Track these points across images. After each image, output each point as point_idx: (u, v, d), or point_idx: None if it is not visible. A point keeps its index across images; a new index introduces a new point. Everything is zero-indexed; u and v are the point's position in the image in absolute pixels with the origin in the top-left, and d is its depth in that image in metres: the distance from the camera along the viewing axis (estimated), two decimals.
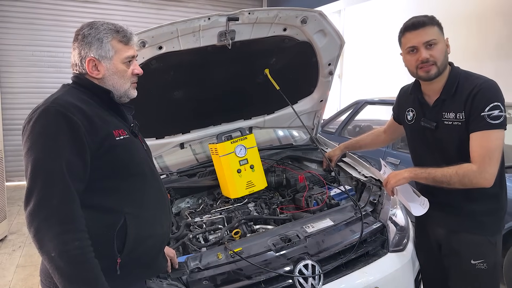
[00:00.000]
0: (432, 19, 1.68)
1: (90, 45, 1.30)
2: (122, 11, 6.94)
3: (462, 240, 1.77)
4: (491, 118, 1.55)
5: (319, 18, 2.25)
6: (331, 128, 5.20)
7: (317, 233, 1.85)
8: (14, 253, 3.88)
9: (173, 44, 1.98)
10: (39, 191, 1.12)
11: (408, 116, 1.91)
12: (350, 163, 2.66)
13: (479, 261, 1.72)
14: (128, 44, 1.36)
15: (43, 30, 6.43)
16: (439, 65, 1.67)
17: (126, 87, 1.38)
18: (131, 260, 1.29)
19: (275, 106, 2.80)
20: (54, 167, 1.14)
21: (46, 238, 1.10)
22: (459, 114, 1.65)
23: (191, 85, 2.32)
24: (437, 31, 1.67)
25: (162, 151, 2.61)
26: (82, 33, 1.31)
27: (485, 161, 1.55)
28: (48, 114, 1.18)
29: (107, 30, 1.32)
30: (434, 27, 1.66)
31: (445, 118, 1.70)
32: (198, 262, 1.63)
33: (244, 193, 2.34)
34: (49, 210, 1.11)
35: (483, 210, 1.71)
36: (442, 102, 1.72)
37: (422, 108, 1.81)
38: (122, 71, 1.35)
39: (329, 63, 2.55)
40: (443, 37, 1.69)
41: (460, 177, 1.57)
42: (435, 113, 1.74)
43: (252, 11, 2.02)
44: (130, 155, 1.33)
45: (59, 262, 1.10)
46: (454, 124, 1.67)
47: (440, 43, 1.66)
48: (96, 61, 1.31)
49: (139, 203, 1.33)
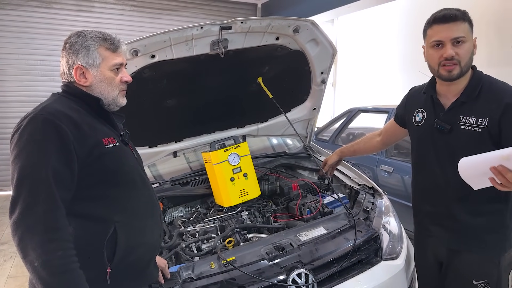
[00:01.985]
0: (464, 14, 1.55)
1: (77, 53, 1.30)
2: (116, 19, 6.95)
3: (463, 259, 1.68)
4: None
5: (311, 27, 2.27)
6: (325, 136, 5.22)
7: (310, 242, 1.84)
8: (5, 263, 3.83)
9: (166, 53, 1.99)
10: (24, 200, 1.11)
11: (416, 117, 1.78)
12: (343, 171, 2.66)
13: (481, 282, 1.63)
14: (115, 52, 1.36)
15: (37, 38, 6.42)
16: (463, 65, 1.55)
17: (114, 95, 1.38)
18: (122, 269, 1.28)
19: (268, 114, 2.81)
20: (40, 175, 1.13)
21: (30, 247, 1.08)
22: (481, 120, 1.53)
23: (184, 94, 2.32)
24: (467, 28, 1.55)
25: (155, 159, 2.59)
26: (69, 42, 1.32)
27: None
28: (36, 122, 1.18)
29: (94, 38, 1.33)
30: (465, 23, 1.54)
31: (462, 122, 1.58)
32: (190, 272, 1.61)
33: (237, 202, 2.33)
34: (33, 219, 1.10)
35: (486, 227, 1.62)
36: (460, 105, 1.60)
37: (435, 109, 1.69)
38: (109, 78, 1.35)
39: (321, 72, 2.57)
40: (472, 36, 1.57)
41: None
42: (451, 115, 1.62)
43: (244, 20, 2.04)
44: (119, 163, 1.32)
45: (41, 272, 1.08)
46: (473, 130, 1.55)
47: (469, 42, 1.55)
48: (84, 69, 1.31)
49: (129, 211, 1.32)
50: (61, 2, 6.54)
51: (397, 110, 2.02)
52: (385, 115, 4.27)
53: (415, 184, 1.88)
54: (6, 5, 6.19)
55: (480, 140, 1.53)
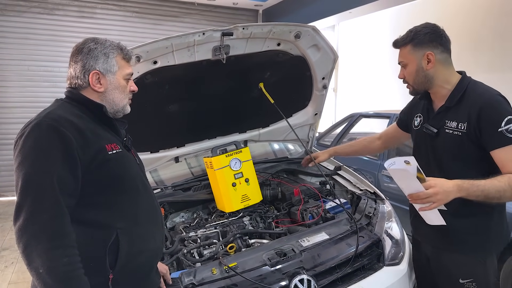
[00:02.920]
0: (407, 37, 1.68)
1: (97, 59, 1.33)
2: (118, 26, 6.98)
3: (450, 258, 1.74)
4: (509, 132, 1.51)
5: (312, 33, 2.28)
6: (326, 141, 5.22)
7: (312, 247, 1.83)
8: (6, 269, 3.82)
9: (168, 59, 2.00)
10: (29, 206, 1.11)
11: (415, 121, 1.89)
12: (345, 176, 2.66)
13: (467, 281, 1.68)
14: (129, 62, 1.43)
15: (39, 45, 6.45)
16: (412, 84, 1.71)
17: (125, 103, 1.42)
18: (124, 276, 1.27)
19: (270, 119, 2.81)
20: (45, 182, 1.13)
21: (35, 254, 1.09)
22: (461, 124, 1.62)
23: (186, 99, 2.33)
24: (407, 51, 1.68)
25: (157, 165, 2.60)
26: (87, 47, 1.34)
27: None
28: (40, 128, 1.18)
29: (113, 46, 1.37)
30: (406, 47, 1.68)
31: (447, 126, 1.68)
32: (192, 278, 1.61)
33: (239, 207, 2.33)
34: (39, 226, 1.10)
35: (468, 228, 1.67)
36: (446, 110, 1.70)
37: (428, 114, 1.80)
38: (123, 86, 1.40)
39: (323, 77, 2.57)
40: (417, 55, 1.67)
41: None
42: (438, 120, 1.72)
43: (246, 26, 2.05)
44: (122, 170, 1.33)
45: (47, 279, 1.08)
46: (454, 133, 1.64)
47: (410, 64, 1.69)
48: (100, 75, 1.34)
49: (131, 218, 1.33)
50: (64, 8, 6.58)
51: (401, 115, 2.10)
52: (387, 120, 4.27)
53: None
54: (8, 12, 6.23)
55: (461, 143, 1.62)
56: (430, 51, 1.65)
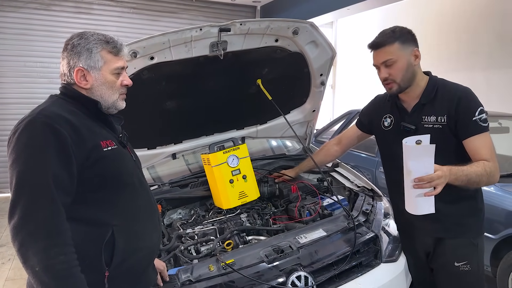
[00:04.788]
0: (391, 36, 1.71)
1: (79, 55, 1.29)
2: (115, 22, 6.95)
3: (446, 244, 1.81)
4: (482, 121, 1.65)
5: (310, 29, 2.26)
6: (324, 138, 5.21)
7: (310, 244, 1.83)
8: (3, 266, 3.81)
9: (165, 55, 1.98)
10: (23, 205, 1.10)
11: (385, 122, 1.94)
12: (343, 173, 2.66)
13: (462, 263, 1.77)
14: (117, 55, 1.36)
15: (36, 40, 6.42)
16: (399, 82, 1.73)
17: (114, 98, 1.37)
18: (120, 273, 1.27)
19: (267, 116, 2.80)
20: (40, 180, 1.12)
21: (31, 252, 1.08)
22: (440, 117, 1.71)
23: (183, 95, 2.32)
24: (396, 48, 1.70)
25: (154, 161, 2.59)
26: (71, 43, 1.31)
27: (494, 158, 1.64)
28: (34, 125, 1.16)
29: (97, 40, 1.32)
30: (393, 44, 1.70)
31: (425, 122, 1.75)
32: (189, 275, 1.60)
33: (236, 204, 2.32)
34: (34, 224, 1.09)
35: (464, 212, 1.77)
36: (422, 107, 1.77)
37: (400, 113, 1.86)
38: (111, 81, 1.35)
39: (321, 74, 2.56)
40: (406, 51, 1.71)
41: (489, 175, 1.60)
42: (415, 117, 1.79)
43: (244, 22, 2.03)
44: (118, 166, 1.31)
45: (43, 277, 1.07)
46: (434, 127, 1.72)
47: (400, 61, 1.70)
48: (85, 71, 1.30)
49: (127, 214, 1.31)
50: (60, 4, 6.54)
51: (361, 117, 2.17)
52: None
53: (390, 183, 1.99)
54: (5, 7, 6.19)
55: (442, 135, 1.69)
56: (416, 48, 1.74)
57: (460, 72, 5.71)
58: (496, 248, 2.84)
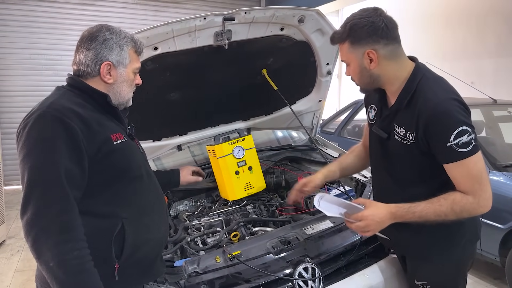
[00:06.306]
0: (342, 32, 1.43)
1: (111, 50, 1.30)
2: (119, 13, 6.92)
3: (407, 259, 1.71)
4: (460, 146, 1.30)
5: (316, 17, 2.22)
6: (330, 128, 5.18)
7: (316, 235, 1.82)
8: (12, 257, 3.85)
9: (168, 45, 1.96)
10: (37, 200, 1.10)
11: (370, 114, 1.65)
12: None
13: (421, 283, 1.60)
14: (139, 56, 1.40)
15: (40, 33, 6.41)
16: (358, 83, 1.51)
17: (130, 96, 1.41)
18: (129, 265, 1.27)
19: (273, 106, 2.78)
20: (52, 175, 1.11)
21: (45, 247, 1.08)
22: (409, 134, 1.42)
23: (188, 86, 2.30)
24: (347, 49, 1.43)
25: (159, 153, 2.58)
26: (103, 36, 1.29)
27: (476, 189, 1.34)
28: (44, 119, 1.15)
29: (127, 38, 1.35)
30: (343, 44, 1.44)
31: (395, 132, 1.48)
32: (196, 266, 1.60)
33: (242, 195, 2.32)
34: (48, 220, 1.09)
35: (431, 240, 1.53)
36: (395, 112, 1.48)
37: (381, 111, 1.58)
38: (131, 80, 1.38)
39: (327, 63, 2.52)
40: (357, 53, 1.41)
41: (458, 213, 1.35)
42: (388, 122, 1.52)
43: (248, 11, 2.00)
44: (127, 159, 1.31)
45: (57, 272, 1.08)
46: (403, 142, 1.45)
47: (352, 64, 1.45)
48: (112, 66, 1.31)
49: (136, 207, 1.32)
50: None
51: None
52: None
53: (373, 183, 1.79)
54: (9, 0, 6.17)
55: (410, 153, 1.44)
56: (370, 49, 1.38)
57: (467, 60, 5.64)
58: (505, 238, 2.81)
